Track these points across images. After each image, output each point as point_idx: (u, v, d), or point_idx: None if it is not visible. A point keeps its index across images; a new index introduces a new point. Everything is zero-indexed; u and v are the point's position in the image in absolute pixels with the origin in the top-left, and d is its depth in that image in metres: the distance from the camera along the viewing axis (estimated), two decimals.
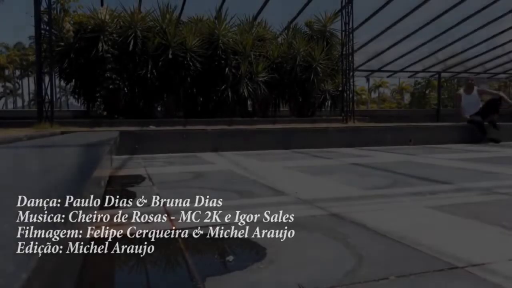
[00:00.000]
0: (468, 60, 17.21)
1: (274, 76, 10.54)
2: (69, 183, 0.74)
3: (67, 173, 0.89)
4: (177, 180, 2.77)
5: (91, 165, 1.00)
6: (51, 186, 0.67)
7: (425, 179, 2.69)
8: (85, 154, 1.21)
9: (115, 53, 8.96)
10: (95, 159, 1.08)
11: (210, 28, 9.94)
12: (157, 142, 5.12)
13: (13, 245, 0.41)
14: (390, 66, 17.27)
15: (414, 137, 6.26)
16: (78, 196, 0.63)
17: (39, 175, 0.88)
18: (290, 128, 5.87)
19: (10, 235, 0.45)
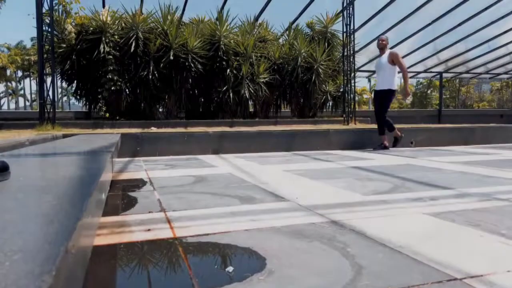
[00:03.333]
0: (470, 60, 17.20)
1: (276, 77, 10.55)
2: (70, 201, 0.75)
3: (68, 191, 0.90)
4: (178, 185, 2.78)
5: (94, 179, 1.00)
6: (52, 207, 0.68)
7: (425, 184, 2.70)
8: (86, 166, 1.21)
9: (117, 55, 8.99)
10: (98, 171, 1.09)
11: (212, 29, 9.96)
12: (158, 144, 5.13)
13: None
14: None
15: (415, 139, 6.26)
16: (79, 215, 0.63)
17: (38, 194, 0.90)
18: (291, 130, 5.88)
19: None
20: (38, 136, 3.83)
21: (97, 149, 1.84)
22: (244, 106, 10.61)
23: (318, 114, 12.01)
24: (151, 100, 9.65)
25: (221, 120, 9.63)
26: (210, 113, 10.17)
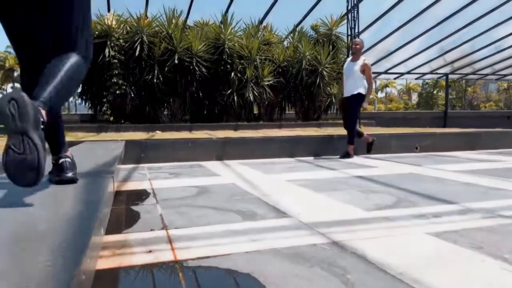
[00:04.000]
0: (477, 61, 17.08)
1: (280, 80, 10.55)
2: (66, 257, 0.75)
3: (63, 243, 0.91)
4: (181, 197, 2.78)
5: (91, 222, 1.01)
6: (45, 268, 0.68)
7: (429, 198, 2.68)
8: (85, 199, 1.21)
9: (122, 59, 9.03)
10: (97, 207, 1.09)
11: (216, 32, 9.98)
12: (162, 151, 5.15)
13: None
14: (397, 68, 17.20)
15: (420, 144, 6.23)
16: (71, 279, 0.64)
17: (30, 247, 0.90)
18: (295, 136, 5.87)
19: None
20: None
21: (99, 168, 1.84)
22: (249, 109, 10.62)
23: (322, 117, 11.99)
24: (155, 103, 9.69)
25: (226, 123, 9.65)
26: (215, 116, 10.19)
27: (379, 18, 12.68)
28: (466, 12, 12.53)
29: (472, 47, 15.49)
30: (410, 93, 58.97)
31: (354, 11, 8.88)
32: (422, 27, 13.61)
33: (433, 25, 13.44)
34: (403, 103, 59.97)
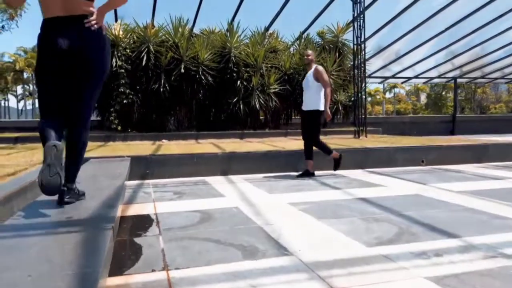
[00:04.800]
0: (486, 65, 16.90)
1: (286, 88, 10.56)
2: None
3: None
4: (184, 225, 2.81)
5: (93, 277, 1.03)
6: None
7: (431, 229, 2.67)
8: (82, 263, 1.22)
9: (129, 68, 9.11)
10: (95, 275, 1.11)
11: (222, 41, 10.01)
12: (168, 166, 5.19)
13: None
14: (405, 72, 17.09)
15: (426, 157, 6.19)
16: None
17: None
18: (300, 150, 5.86)
19: None
20: None
21: (99, 211, 1.87)
22: (255, 117, 10.64)
23: (328, 125, 11.96)
24: (162, 112, 9.76)
25: (232, 132, 9.68)
26: (221, 124, 10.23)
27: (388, 23, 12.61)
28: (476, 16, 12.41)
29: (482, 51, 15.34)
30: (419, 93, 58.52)
31: (360, 20, 8.85)
32: (432, 32, 13.50)
33: (443, 30, 13.33)
34: (411, 104, 59.53)
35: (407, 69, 16.72)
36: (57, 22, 1.99)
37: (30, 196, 2.80)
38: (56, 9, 1.98)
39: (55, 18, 2.00)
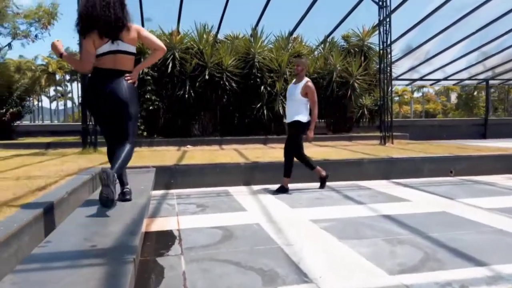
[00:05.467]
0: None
1: None
2: None
3: None
4: (205, 244, 2.84)
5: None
6: None
7: (457, 254, 2.59)
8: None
9: (155, 75, 9.28)
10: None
11: (246, 46, 10.05)
12: (191, 176, 5.26)
13: None
14: (434, 74, 16.63)
15: (454, 167, 6.01)
16: None
17: None
18: (323, 160, 5.82)
19: None
20: (77, 179, 4.05)
21: (120, 239, 1.91)
22: (278, 122, 10.62)
23: (353, 129, 11.80)
24: (187, 117, 9.90)
25: (255, 137, 9.70)
26: (245, 129, 10.27)
27: (416, 25, 12.31)
28: (509, 17, 11.93)
29: None
30: (449, 93, 56.71)
31: (386, 24, 8.66)
32: (463, 33, 13.07)
33: (475, 31, 12.88)
34: (441, 104, 57.83)
35: (436, 70, 16.27)
36: (109, 72, 2.73)
37: (59, 213, 2.91)
38: (109, 64, 2.72)
39: (108, 69, 2.72)
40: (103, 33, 2.65)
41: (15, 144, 8.85)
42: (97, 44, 2.68)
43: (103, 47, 2.68)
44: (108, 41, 2.67)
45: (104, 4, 2.64)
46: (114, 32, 2.66)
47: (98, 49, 2.69)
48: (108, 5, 2.64)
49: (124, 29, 2.68)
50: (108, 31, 2.64)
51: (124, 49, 2.72)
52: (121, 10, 2.68)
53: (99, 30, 2.64)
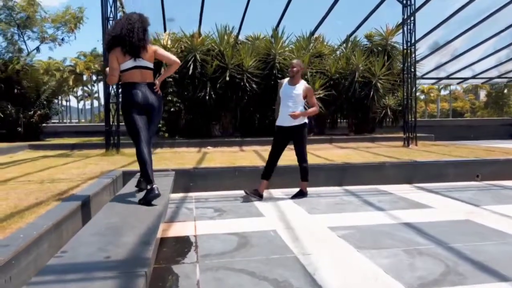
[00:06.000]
0: None
1: (332, 93, 10.36)
2: None
3: None
4: (221, 252, 2.84)
5: None
6: None
7: (481, 268, 2.49)
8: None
9: (176, 77, 9.38)
10: None
11: (267, 47, 10.02)
12: (210, 180, 5.28)
13: None
14: (461, 72, 16.14)
15: (481, 172, 5.80)
16: None
17: None
18: (342, 164, 5.73)
19: None
20: (98, 183, 4.13)
21: (133, 250, 1.93)
22: None
23: (376, 130, 11.59)
24: (208, 119, 9.97)
25: None
26: (265, 130, 10.24)
27: (442, 23, 11.97)
28: None
29: None
30: (478, 91, 54.89)
31: (410, 23, 8.45)
32: (492, 30, 12.63)
33: (504, 28, 12.42)
34: (468, 102, 56.06)
35: (464, 68, 15.79)
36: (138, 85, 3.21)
37: (80, 218, 2.97)
38: (136, 78, 3.21)
39: (136, 83, 3.21)
40: (126, 51, 3.18)
41: (42, 145, 9.14)
42: (120, 60, 3.20)
43: (126, 63, 3.21)
44: (130, 58, 3.20)
45: (129, 28, 3.17)
46: (135, 51, 3.19)
47: (122, 65, 3.22)
48: (133, 29, 3.18)
49: (144, 50, 3.22)
50: (130, 50, 3.18)
51: (145, 65, 3.24)
52: (143, 35, 3.22)
53: (122, 47, 3.16)
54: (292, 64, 4.72)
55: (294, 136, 4.68)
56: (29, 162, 6.49)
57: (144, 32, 3.25)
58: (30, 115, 10.14)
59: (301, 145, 4.73)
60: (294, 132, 4.63)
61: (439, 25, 12.12)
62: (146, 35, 3.28)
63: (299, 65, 4.69)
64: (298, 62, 4.75)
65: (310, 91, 4.71)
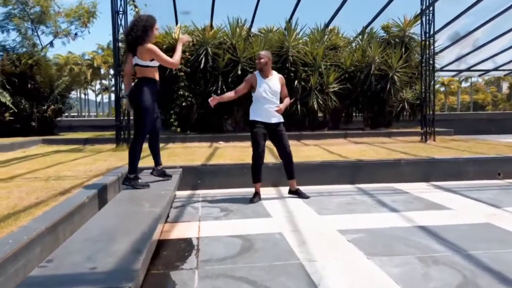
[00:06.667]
0: None
1: (347, 86, 10.09)
2: None
3: None
4: (223, 257, 2.71)
5: None
6: None
7: (501, 280, 2.28)
8: None
9: (188, 71, 9.27)
10: None
11: (280, 40, 9.80)
12: (218, 177, 5.17)
13: None
14: (483, 64, 15.56)
15: (503, 170, 5.51)
16: None
17: None
18: (356, 162, 5.53)
19: None
20: (102, 180, 4.05)
21: (126, 257, 1.81)
22: (312, 117, 10.33)
23: (393, 124, 11.27)
24: (220, 113, 9.83)
25: (288, 133, 9.42)
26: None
27: (463, 13, 11.49)
28: None
29: None
30: (500, 83, 53.24)
31: (429, 13, 8.09)
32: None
33: None
34: (490, 94, 54.45)
35: (486, 60, 15.21)
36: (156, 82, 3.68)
37: (79, 218, 2.88)
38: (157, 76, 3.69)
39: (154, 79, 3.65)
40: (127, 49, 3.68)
41: (55, 140, 9.19)
42: (130, 58, 3.67)
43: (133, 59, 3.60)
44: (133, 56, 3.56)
45: (129, 28, 3.55)
46: (132, 49, 3.54)
47: (133, 61, 3.59)
48: (132, 29, 3.50)
49: (139, 48, 3.45)
50: (129, 48, 3.60)
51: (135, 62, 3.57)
52: (142, 32, 3.45)
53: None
54: (259, 55, 4.34)
55: (279, 132, 4.44)
56: (39, 157, 6.50)
57: (143, 30, 3.46)
58: (44, 109, 10.20)
59: (287, 139, 4.52)
60: (280, 127, 4.43)
61: (460, 15, 11.64)
62: (146, 33, 3.47)
63: (266, 55, 4.32)
64: (266, 53, 4.38)
65: (283, 80, 4.48)
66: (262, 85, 4.32)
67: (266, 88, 4.31)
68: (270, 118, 4.36)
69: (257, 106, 4.41)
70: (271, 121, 4.37)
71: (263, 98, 4.33)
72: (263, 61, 4.28)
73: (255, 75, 4.43)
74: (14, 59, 10.01)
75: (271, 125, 4.38)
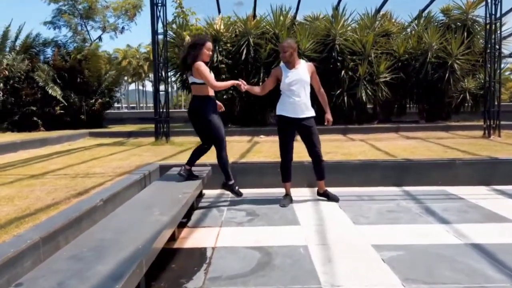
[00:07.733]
0: None
1: (400, 76, 9.32)
2: None
3: None
4: (234, 274, 2.42)
5: None
6: None
7: None
8: None
9: (229, 63, 9.06)
10: None
11: (326, 28, 9.26)
12: (250, 176, 4.88)
13: None
14: None
15: None
16: None
17: None
18: (402, 162, 4.97)
19: None
20: (126, 180, 3.93)
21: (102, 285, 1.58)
22: (361, 109, 9.70)
23: (453, 116, 10.29)
24: (262, 106, 9.54)
25: (334, 127, 8.88)
26: (322, 118, 9.55)
27: None
28: None
29: None
30: None
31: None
32: None
33: None
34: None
35: None
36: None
37: (90, 223, 2.73)
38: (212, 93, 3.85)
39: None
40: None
41: (101, 133, 9.44)
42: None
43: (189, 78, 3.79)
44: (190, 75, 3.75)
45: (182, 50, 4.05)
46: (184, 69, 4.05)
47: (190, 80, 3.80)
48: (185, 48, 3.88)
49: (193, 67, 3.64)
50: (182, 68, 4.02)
51: (192, 81, 3.74)
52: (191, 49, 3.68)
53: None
54: (283, 48, 3.87)
55: (307, 128, 4.00)
56: (81, 151, 6.62)
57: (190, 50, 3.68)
58: (92, 103, 10.53)
59: (317, 135, 4.08)
60: (308, 122, 4.00)
61: None
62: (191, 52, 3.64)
63: (291, 46, 3.86)
64: (288, 43, 3.89)
65: (313, 68, 4.02)
66: (288, 76, 3.92)
67: (293, 80, 3.91)
68: (298, 112, 3.97)
69: (284, 100, 4.05)
70: (299, 116, 3.98)
71: (289, 91, 3.96)
72: (287, 54, 3.85)
73: (280, 67, 4.04)
74: (64, 54, 10.39)
75: (299, 120, 3.99)
